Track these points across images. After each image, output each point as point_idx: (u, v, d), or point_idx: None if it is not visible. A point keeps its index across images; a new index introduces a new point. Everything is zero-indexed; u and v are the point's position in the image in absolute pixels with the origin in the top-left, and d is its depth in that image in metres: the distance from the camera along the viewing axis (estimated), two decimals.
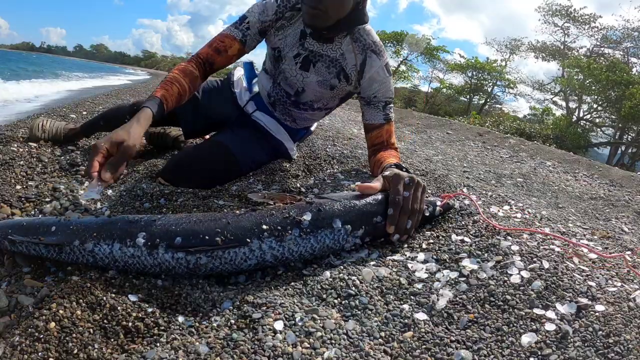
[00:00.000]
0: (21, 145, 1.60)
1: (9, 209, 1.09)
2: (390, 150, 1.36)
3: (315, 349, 0.64)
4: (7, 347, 0.62)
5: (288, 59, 1.38)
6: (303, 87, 1.41)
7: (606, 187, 2.50)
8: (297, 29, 1.34)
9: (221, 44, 1.31)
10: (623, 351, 0.61)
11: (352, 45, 1.32)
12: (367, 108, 1.37)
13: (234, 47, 1.31)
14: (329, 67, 1.35)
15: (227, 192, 1.27)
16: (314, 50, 1.34)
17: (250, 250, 0.83)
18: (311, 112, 1.52)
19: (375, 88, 1.34)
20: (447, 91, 19.79)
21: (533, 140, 6.22)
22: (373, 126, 1.37)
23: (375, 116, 1.36)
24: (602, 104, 13.39)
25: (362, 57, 1.32)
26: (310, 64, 1.36)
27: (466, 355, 0.64)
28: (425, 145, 3.19)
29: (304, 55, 1.36)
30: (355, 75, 1.34)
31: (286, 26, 1.35)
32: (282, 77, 1.43)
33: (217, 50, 1.30)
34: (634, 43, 13.90)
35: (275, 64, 1.42)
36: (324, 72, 1.36)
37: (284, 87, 1.45)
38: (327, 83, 1.38)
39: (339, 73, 1.36)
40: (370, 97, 1.35)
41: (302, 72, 1.38)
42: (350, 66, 1.34)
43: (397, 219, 0.95)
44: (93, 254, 0.82)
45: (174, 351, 0.64)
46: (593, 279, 0.78)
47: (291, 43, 1.36)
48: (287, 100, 1.47)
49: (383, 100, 1.36)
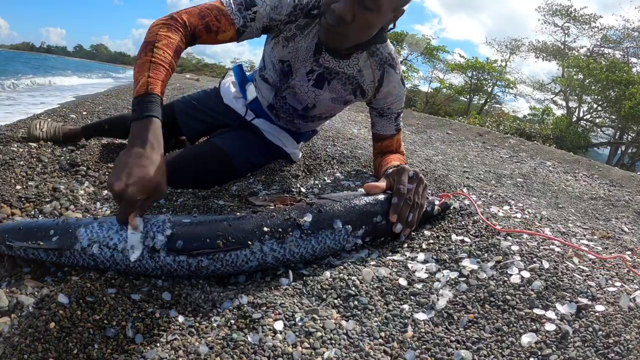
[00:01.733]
0: (21, 145, 1.60)
1: (9, 209, 1.09)
2: (397, 154, 1.37)
3: (315, 349, 0.64)
4: (7, 347, 0.62)
5: (299, 75, 1.26)
6: (314, 104, 1.33)
7: (606, 187, 2.50)
8: (311, 43, 1.20)
9: (215, 22, 1.07)
10: (623, 351, 0.61)
11: (369, 60, 1.24)
12: (379, 119, 1.34)
13: (228, 33, 1.10)
14: (345, 84, 1.27)
15: (227, 192, 1.27)
16: (330, 67, 1.23)
17: (251, 252, 0.83)
18: (317, 122, 1.50)
19: (390, 101, 1.31)
20: (447, 91, 19.79)
21: (533, 140, 6.22)
22: (384, 137, 1.36)
23: (387, 127, 1.34)
24: (602, 103, 13.39)
25: (380, 72, 1.25)
26: (325, 81, 1.26)
27: (466, 355, 0.64)
28: (425, 146, 3.19)
29: (318, 72, 1.24)
30: (372, 91, 1.28)
31: (298, 37, 1.20)
32: (289, 92, 1.32)
33: (207, 28, 1.06)
34: (634, 43, 13.91)
35: (283, 78, 1.29)
36: (339, 89, 1.28)
37: (290, 102, 1.35)
38: (341, 99, 1.32)
39: (355, 90, 1.29)
40: (384, 109, 1.32)
41: (315, 90, 1.28)
42: (367, 82, 1.26)
43: (401, 208, 0.96)
44: (94, 258, 0.82)
45: (174, 351, 0.64)
46: (593, 279, 0.78)
47: (303, 57, 1.22)
48: (293, 113, 1.40)
49: (396, 112, 1.34)
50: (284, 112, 1.41)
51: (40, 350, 0.62)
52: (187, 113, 1.57)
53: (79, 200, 1.20)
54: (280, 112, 1.42)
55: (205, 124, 1.57)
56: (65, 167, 1.46)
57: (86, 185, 1.33)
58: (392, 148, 1.37)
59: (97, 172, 1.47)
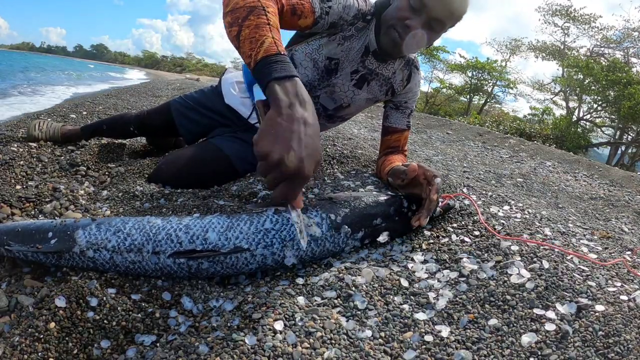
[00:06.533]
0: (21, 145, 1.60)
1: (9, 209, 1.09)
2: (400, 155, 1.44)
3: (315, 349, 0.64)
4: (7, 347, 0.62)
5: (344, 74, 1.34)
6: (349, 103, 1.42)
7: (606, 187, 2.50)
8: (362, 44, 1.29)
9: (300, 6, 1.08)
10: (623, 351, 0.61)
11: (401, 63, 1.39)
12: (394, 112, 1.45)
13: (308, 19, 1.12)
14: (382, 85, 1.40)
15: (227, 192, 1.27)
16: (372, 69, 1.35)
17: (251, 255, 0.83)
18: (337, 123, 1.58)
19: (409, 96, 1.44)
20: (447, 91, 19.77)
21: (533, 140, 6.22)
22: (395, 130, 1.45)
23: (400, 121, 1.45)
24: (601, 103, 13.39)
25: (408, 72, 1.41)
26: (365, 82, 1.37)
27: (466, 355, 0.64)
28: (425, 145, 3.19)
29: (362, 73, 1.35)
30: (400, 90, 1.43)
31: (354, 37, 1.28)
32: (327, 90, 1.37)
33: (293, 9, 1.07)
34: (634, 43, 13.90)
35: (325, 76, 1.33)
36: (375, 90, 1.41)
37: (322, 101, 1.40)
38: (374, 99, 1.44)
39: (388, 90, 1.42)
40: (402, 102, 1.44)
41: (355, 89, 1.38)
42: (398, 82, 1.41)
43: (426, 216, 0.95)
44: (93, 260, 0.81)
45: (174, 351, 0.64)
46: (593, 279, 0.78)
47: (353, 58, 1.31)
48: (322, 113, 1.44)
49: (410, 108, 1.46)
50: None
51: (40, 350, 0.62)
52: (184, 114, 1.56)
53: (78, 200, 1.20)
54: None
55: (203, 125, 1.55)
56: (65, 167, 1.46)
57: (86, 185, 1.33)
58: (399, 144, 1.45)
59: (97, 172, 1.47)
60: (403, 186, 1.07)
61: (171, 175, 1.32)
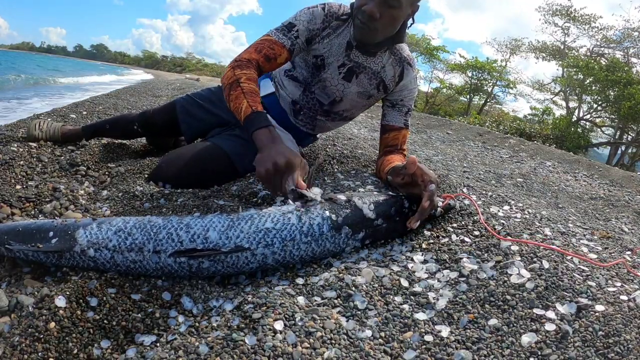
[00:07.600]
0: (21, 145, 1.60)
1: (9, 209, 1.09)
2: (399, 154, 1.44)
3: (315, 349, 0.64)
4: (7, 347, 0.62)
5: (332, 68, 1.39)
6: (342, 97, 1.45)
7: (606, 187, 2.50)
8: (343, 40, 1.35)
9: (271, 51, 1.26)
10: (623, 351, 0.61)
11: (391, 58, 1.40)
12: (391, 110, 1.46)
13: (283, 55, 1.29)
14: (371, 79, 1.42)
15: (227, 192, 1.27)
16: (359, 62, 1.38)
17: (252, 254, 0.83)
18: (337, 122, 1.58)
19: (405, 94, 1.45)
20: (447, 91, 19.77)
21: (533, 140, 6.22)
22: (393, 128, 1.45)
23: (397, 119, 1.46)
24: (601, 103, 13.38)
25: (400, 69, 1.42)
26: (354, 75, 1.40)
27: (466, 355, 0.64)
28: (425, 145, 3.19)
29: (349, 66, 1.38)
30: (393, 85, 1.44)
31: (332, 35, 1.36)
32: (319, 85, 1.43)
33: (267, 58, 1.26)
34: (634, 43, 13.89)
35: (315, 72, 1.41)
36: (365, 84, 1.42)
37: (317, 96, 1.46)
38: (366, 93, 1.45)
39: (379, 84, 1.43)
40: (398, 100, 1.46)
41: (344, 83, 1.41)
42: (389, 77, 1.42)
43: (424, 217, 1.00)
44: (94, 259, 0.81)
45: (174, 351, 0.64)
46: (593, 279, 0.78)
47: (336, 52, 1.37)
48: (318, 109, 1.48)
49: (407, 106, 1.47)
50: (309, 107, 1.48)
51: (40, 350, 0.62)
52: (189, 112, 1.57)
53: (78, 200, 1.20)
54: (303, 108, 1.49)
55: (207, 122, 1.56)
56: (65, 167, 1.46)
57: (86, 185, 1.33)
58: (397, 142, 1.45)
59: (97, 172, 1.47)
60: (403, 185, 1.07)
61: (171, 174, 1.32)
